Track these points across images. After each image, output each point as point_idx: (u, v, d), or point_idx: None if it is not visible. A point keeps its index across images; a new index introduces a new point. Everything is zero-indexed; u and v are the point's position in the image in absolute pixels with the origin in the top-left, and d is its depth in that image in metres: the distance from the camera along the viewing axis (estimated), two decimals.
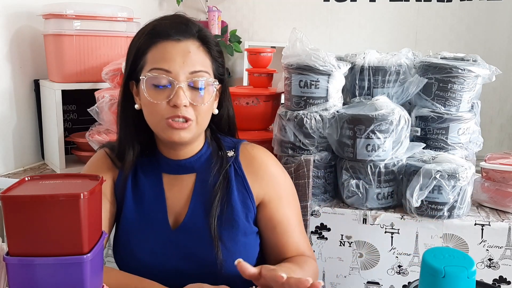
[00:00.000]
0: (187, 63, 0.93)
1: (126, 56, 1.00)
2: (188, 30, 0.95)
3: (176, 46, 0.94)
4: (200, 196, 1.01)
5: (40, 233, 0.64)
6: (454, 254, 0.72)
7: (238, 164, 1.04)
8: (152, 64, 0.94)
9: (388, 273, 1.42)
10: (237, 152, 1.06)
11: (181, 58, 0.93)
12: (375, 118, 1.35)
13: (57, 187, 0.69)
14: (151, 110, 0.95)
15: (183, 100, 0.91)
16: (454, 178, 1.31)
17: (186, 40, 0.94)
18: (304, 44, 1.45)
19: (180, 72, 0.92)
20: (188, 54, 0.93)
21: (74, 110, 1.91)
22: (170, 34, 0.94)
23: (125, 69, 1.01)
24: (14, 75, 1.76)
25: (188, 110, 0.93)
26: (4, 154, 1.73)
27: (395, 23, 3.18)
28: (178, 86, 0.91)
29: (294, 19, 3.28)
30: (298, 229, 1.07)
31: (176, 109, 0.92)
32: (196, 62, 0.94)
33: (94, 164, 1.07)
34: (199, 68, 0.94)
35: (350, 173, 1.42)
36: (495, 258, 1.35)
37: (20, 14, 1.77)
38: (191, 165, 1.02)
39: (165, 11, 3.05)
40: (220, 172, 1.02)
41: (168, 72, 0.92)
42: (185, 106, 0.92)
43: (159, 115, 0.93)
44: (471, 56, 1.53)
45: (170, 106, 0.92)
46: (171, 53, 0.93)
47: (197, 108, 0.94)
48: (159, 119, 0.94)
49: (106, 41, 1.77)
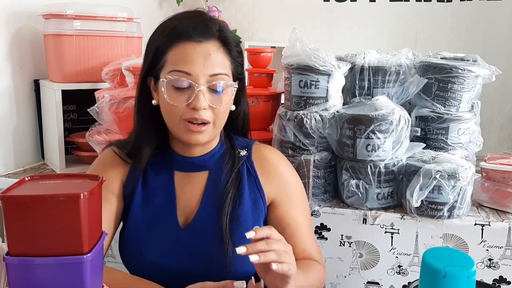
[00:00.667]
0: (207, 65, 0.93)
1: (145, 53, 1.00)
2: (209, 31, 0.95)
3: (197, 47, 0.93)
4: (212, 195, 1.01)
5: (40, 233, 0.64)
6: (454, 254, 0.72)
7: (251, 163, 1.05)
8: (172, 65, 0.94)
9: (388, 273, 1.42)
10: (250, 151, 1.06)
11: (202, 60, 0.92)
12: (375, 118, 1.35)
13: (57, 187, 0.69)
14: (170, 111, 0.95)
15: (202, 104, 0.92)
16: (454, 178, 1.31)
17: (206, 42, 0.94)
18: (304, 44, 1.45)
19: (200, 75, 0.92)
20: (208, 56, 0.93)
21: (74, 110, 1.91)
22: (191, 35, 0.93)
23: (143, 66, 1.00)
24: (14, 75, 1.76)
25: (207, 112, 0.94)
26: (4, 154, 1.73)
27: (395, 23, 3.18)
28: (198, 90, 0.92)
29: (294, 19, 3.28)
30: (307, 233, 1.06)
31: (195, 112, 0.92)
32: (216, 64, 0.94)
33: (102, 161, 1.06)
34: (218, 70, 0.94)
35: (350, 173, 1.42)
36: (495, 258, 1.35)
37: (20, 14, 1.77)
38: (204, 162, 1.03)
39: (165, 11, 3.05)
40: (232, 170, 1.02)
41: (189, 74, 0.92)
42: (205, 109, 0.93)
43: (178, 116, 0.94)
44: (471, 56, 1.53)
45: (189, 108, 0.93)
46: (192, 55, 0.92)
47: (215, 110, 0.95)
48: (177, 121, 0.94)
49: (106, 41, 1.77)
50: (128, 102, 1.54)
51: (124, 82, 1.61)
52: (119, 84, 1.64)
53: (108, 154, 1.07)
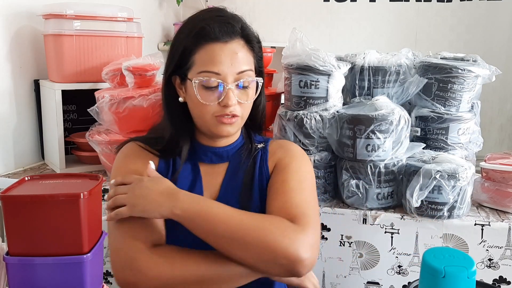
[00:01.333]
0: (234, 64, 0.97)
1: (171, 52, 1.04)
2: (233, 30, 0.99)
3: (224, 48, 0.97)
4: (230, 183, 1.05)
5: (40, 233, 0.64)
6: (454, 254, 0.72)
7: (266, 152, 1.09)
8: (201, 66, 0.98)
9: (388, 273, 1.42)
10: (267, 144, 1.11)
11: (229, 60, 0.97)
12: (375, 118, 1.35)
13: (57, 187, 0.69)
14: (201, 110, 1.00)
15: (233, 101, 0.97)
16: (454, 178, 1.31)
17: (232, 41, 0.98)
18: (304, 44, 1.46)
19: (229, 74, 0.97)
20: (235, 55, 0.98)
21: (74, 110, 1.91)
22: (218, 36, 0.97)
23: (169, 65, 1.04)
24: (14, 75, 1.76)
25: (236, 108, 0.99)
26: (4, 154, 1.73)
27: (395, 23, 3.18)
28: (228, 88, 0.97)
29: (294, 19, 3.28)
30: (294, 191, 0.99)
31: (226, 108, 0.98)
32: (242, 62, 0.99)
33: (132, 154, 1.07)
34: (244, 68, 0.99)
35: (350, 173, 1.42)
36: (495, 258, 1.35)
37: (20, 14, 1.77)
38: (227, 153, 1.07)
39: (165, 11, 3.05)
40: (248, 160, 1.07)
41: (218, 74, 0.97)
42: (235, 105, 0.98)
43: (210, 114, 0.99)
44: (471, 56, 1.53)
45: (220, 106, 0.98)
46: (220, 55, 0.97)
47: (243, 105, 1.00)
48: (209, 117, 0.99)
49: (106, 41, 1.77)
50: (128, 102, 1.54)
51: (124, 82, 1.61)
52: (119, 84, 1.64)
53: (134, 147, 1.08)
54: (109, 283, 1.50)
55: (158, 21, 2.99)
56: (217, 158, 1.07)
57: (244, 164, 1.07)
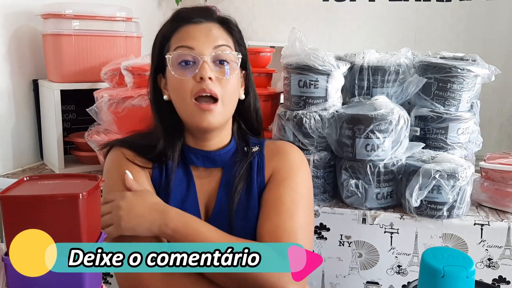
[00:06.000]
0: (210, 39, 0.96)
1: (152, 49, 1.03)
2: (209, 14, 1.00)
3: (198, 27, 0.98)
4: (226, 188, 1.02)
5: None
6: (453, 254, 0.72)
7: (262, 157, 1.05)
8: (176, 44, 0.97)
9: (388, 273, 1.42)
10: (262, 147, 1.07)
11: (204, 35, 0.97)
12: (375, 118, 1.35)
13: (56, 187, 0.69)
14: (179, 89, 0.96)
15: (208, 72, 0.94)
16: (453, 178, 1.31)
17: (207, 22, 0.99)
18: (303, 43, 1.45)
19: (203, 48, 0.95)
20: (210, 32, 0.98)
21: (73, 110, 1.91)
22: (192, 17, 0.98)
23: (151, 64, 1.04)
24: (13, 75, 1.76)
25: (215, 85, 0.95)
26: (3, 154, 1.73)
27: (394, 23, 3.18)
28: (203, 61, 0.94)
29: (293, 18, 3.29)
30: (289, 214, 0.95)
31: (202, 83, 0.94)
32: (218, 37, 0.97)
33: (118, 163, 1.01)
34: (221, 42, 0.97)
35: (350, 173, 1.42)
36: (494, 258, 1.35)
37: (18, 14, 1.77)
38: (220, 158, 1.03)
39: (164, 10, 3.05)
40: (243, 165, 1.03)
41: (192, 48, 0.95)
42: (211, 80, 0.94)
43: (188, 94, 0.95)
44: (471, 56, 1.53)
45: (196, 82, 0.94)
46: (194, 32, 0.97)
47: (222, 82, 0.96)
48: (188, 100, 0.95)
49: (105, 41, 1.77)
50: (127, 102, 1.54)
51: (123, 82, 1.61)
52: (118, 84, 1.64)
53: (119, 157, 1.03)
54: (108, 283, 1.50)
55: (157, 20, 2.96)
56: (209, 162, 1.03)
57: (239, 170, 1.02)
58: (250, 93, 1.08)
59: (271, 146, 1.08)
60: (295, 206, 0.98)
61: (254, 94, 1.09)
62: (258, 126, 1.11)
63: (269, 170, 1.04)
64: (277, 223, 0.94)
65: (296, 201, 0.98)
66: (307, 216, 1.00)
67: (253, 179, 1.03)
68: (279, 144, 1.09)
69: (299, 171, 1.03)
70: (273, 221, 0.95)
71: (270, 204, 0.98)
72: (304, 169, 1.06)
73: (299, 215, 0.97)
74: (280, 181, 1.01)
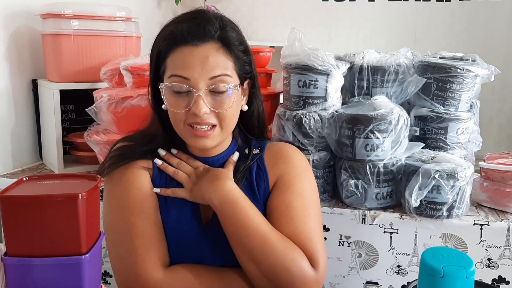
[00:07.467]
0: (206, 69, 0.90)
1: (150, 58, 1.00)
2: (206, 33, 0.92)
3: (194, 51, 0.91)
4: None
5: (38, 233, 0.64)
6: (453, 254, 0.72)
7: (262, 161, 1.04)
8: (171, 70, 0.93)
9: (387, 273, 1.42)
10: (263, 150, 1.06)
11: (200, 64, 0.90)
12: (374, 118, 1.35)
13: (55, 187, 0.69)
14: (173, 117, 0.95)
15: (202, 109, 0.90)
16: (453, 178, 1.31)
17: (204, 44, 0.91)
18: (303, 43, 1.45)
19: (199, 79, 0.90)
20: (206, 60, 0.91)
21: (72, 110, 1.90)
22: (187, 40, 0.91)
23: (150, 72, 1.01)
24: (12, 75, 1.76)
25: (210, 116, 0.93)
26: (2, 154, 1.73)
27: (394, 23, 3.18)
28: (197, 95, 0.90)
29: (293, 18, 3.29)
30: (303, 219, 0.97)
31: (196, 117, 0.92)
32: (215, 66, 0.91)
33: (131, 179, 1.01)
34: (219, 72, 0.92)
35: (349, 173, 1.42)
36: (494, 258, 1.35)
37: (18, 13, 1.77)
38: (219, 162, 1.02)
39: (164, 10, 3.05)
40: (242, 168, 1.02)
41: (187, 79, 0.91)
42: (206, 114, 0.92)
43: (181, 122, 0.94)
44: (470, 56, 1.53)
45: (191, 113, 0.92)
46: (190, 60, 0.90)
47: (218, 114, 0.93)
48: (182, 126, 0.94)
49: (105, 40, 1.77)
50: (126, 102, 1.54)
51: (123, 82, 1.61)
52: (118, 84, 1.64)
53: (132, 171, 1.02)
54: (107, 283, 1.50)
55: (157, 20, 2.98)
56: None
57: (238, 174, 1.01)
58: (254, 102, 1.05)
59: (273, 149, 1.07)
60: (306, 211, 0.99)
61: (258, 101, 1.06)
62: (261, 130, 1.10)
63: (274, 175, 1.03)
64: (293, 230, 0.96)
65: (306, 206, 0.99)
66: (318, 218, 1.02)
67: (254, 181, 1.02)
68: (281, 146, 1.08)
69: (304, 175, 1.04)
70: (289, 228, 0.96)
71: (281, 211, 0.98)
72: (309, 171, 1.06)
73: (311, 219, 0.99)
74: (287, 187, 1.01)
